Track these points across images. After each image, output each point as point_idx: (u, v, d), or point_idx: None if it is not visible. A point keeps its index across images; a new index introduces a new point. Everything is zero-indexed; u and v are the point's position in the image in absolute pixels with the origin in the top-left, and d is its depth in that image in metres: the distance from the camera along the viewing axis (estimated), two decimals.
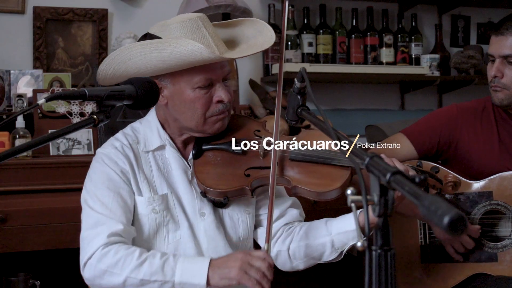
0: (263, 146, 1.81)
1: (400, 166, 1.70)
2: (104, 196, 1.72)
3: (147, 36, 1.77)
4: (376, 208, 1.03)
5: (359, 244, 1.03)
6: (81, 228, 1.72)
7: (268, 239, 1.67)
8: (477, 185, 2.11)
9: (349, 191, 1.09)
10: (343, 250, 1.80)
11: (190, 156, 1.84)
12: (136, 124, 1.88)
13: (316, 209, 2.60)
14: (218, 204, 1.82)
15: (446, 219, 0.84)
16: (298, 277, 2.87)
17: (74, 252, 2.18)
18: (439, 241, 2.12)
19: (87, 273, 1.66)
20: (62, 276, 2.76)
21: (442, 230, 0.84)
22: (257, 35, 1.87)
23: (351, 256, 1.86)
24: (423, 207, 0.89)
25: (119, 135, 1.84)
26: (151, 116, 1.86)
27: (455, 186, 2.01)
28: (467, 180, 2.11)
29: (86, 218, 1.72)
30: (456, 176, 2.04)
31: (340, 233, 1.78)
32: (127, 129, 1.86)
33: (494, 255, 2.08)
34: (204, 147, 1.83)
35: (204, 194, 1.79)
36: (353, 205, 1.09)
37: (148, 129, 1.84)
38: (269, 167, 1.74)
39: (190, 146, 1.85)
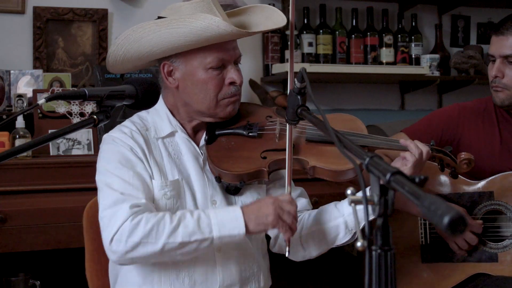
0: (279, 128, 1.80)
1: (422, 146, 1.75)
2: (123, 174, 1.66)
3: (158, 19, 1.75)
4: (376, 208, 1.03)
5: (359, 244, 1.03)
6: (99, 208, 1.65)
7: (290, 182, 1.70)
8: (478, 185, 2.11)
9: (349, 191, 1.09)
10: (357, 231, 1.78)
11: (202, 142, 1.81)
12: (143, 113, 1.84)
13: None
14: (232, 190, 1.79)
15: (446, 219, 0.84)
16: (298, 277, 2.87)
17: (74, 252, 2.19)
18: (440, 240, 2.12)
19: (116, 248, 1.57)
20: (62, 276, 2.76)
21: (442, 230, 0.85)
22: (267, 21, 1.85)
23: (351, 256, 1.86)
24: (423, 207, 0.89)
25: (126, 122, 1.80)
26: (159, 104, 1.82)
27: (469, 163, 1.97)
28: (468, 180, 2.11)
29: (105, 198, 1.65)
30: (469, 154, 2.00)
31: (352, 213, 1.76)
32: (134, 118, 1.83)
33: (494, 255, 2.08)
34: (217, 133, 1.81)
35: (219, 179, 1.75)
36: (353, 205, 1.09)
37: (157, 117, 1.81)
38: (285, 149, 1.73)
39: (201, 133, 1.83)
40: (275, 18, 1.84)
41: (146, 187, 1.68)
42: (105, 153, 1.73)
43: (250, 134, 1.81)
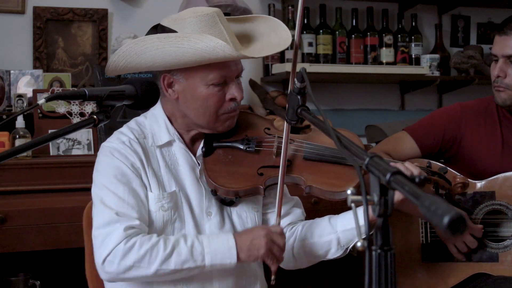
0: (277, 145, 1.79)
1: (413, 168, 1.70)
2: (118, 190, 1.67)
3: (158, 28, 1.73)
4: (376, 208, 1.03)
5: (359, 244, 1.03)
6: (93, 225, 1.66)
7: (280, 213, 1.74)
8: (479, 184, 2.11)
9: (349, 191, 1.09)
10: (349, 247, 1.79)
11: (199, 152, 1.80)
12: (140, 118, 1.82)
13: (317, 209, 2.60)
14: (227, 203, 1.80)
15: (446, 219, 0.84)
16: (298, 277, 2.87)
17: (74, 252, 2.19)
18: (440, 240, 2.12)
19: (108, 269, 1.61)
20: (62, 276, 2.76)
21: (442, 230, 0.84)
22: (271, 33, 1.84)
23: (351, 256, 1.86)
24: (423, 207, 0.89)
25: (124, 129, 1.78)
26: (158, 110, 1.80)
27: (464, 187, 2.00)
28: (470, 180, 2.11)
29: (99, 215, 1.66)
30: (464, 178, 2.03)
31: (345, 230, 1.77)
32: (132, 124, 1.81)
33: (495, 255, 2.08)
34: (214, 145, 1.80)
35: (214, 192, 1.76)
36: (353, 205, 1.09)
37: (155, 123, 1.79)
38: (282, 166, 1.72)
39: (199, 143, 1.82)
40: (280, 33, 1.83)
41: (141, 204, 1.69)
42: (102, 166, 1.73)
43: (248, 149, 1.80)
